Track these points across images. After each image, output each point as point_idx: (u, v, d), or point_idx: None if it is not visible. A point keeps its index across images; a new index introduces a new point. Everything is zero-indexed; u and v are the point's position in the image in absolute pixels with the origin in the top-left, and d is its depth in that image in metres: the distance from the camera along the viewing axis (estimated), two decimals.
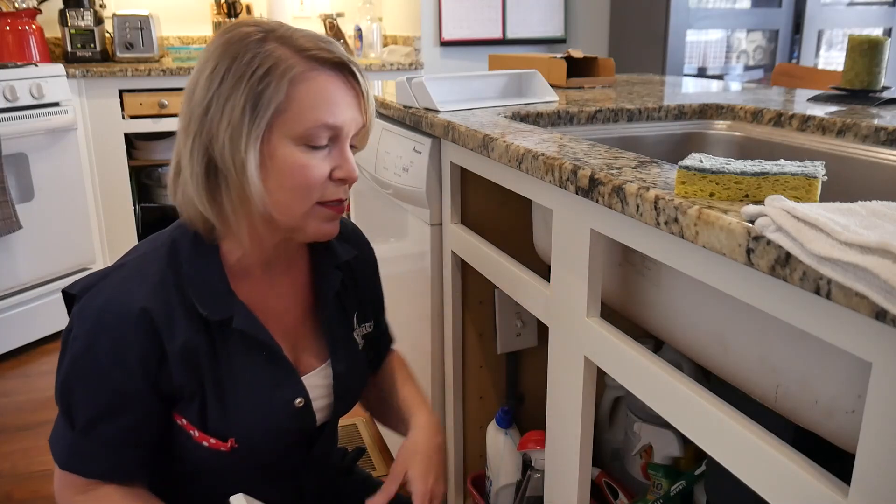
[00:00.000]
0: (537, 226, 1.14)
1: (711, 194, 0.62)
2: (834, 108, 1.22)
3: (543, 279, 0.96)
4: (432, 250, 1.29)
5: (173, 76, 2.75)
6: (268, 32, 0.75)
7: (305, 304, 0.90)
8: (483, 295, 1.31)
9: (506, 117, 1.17)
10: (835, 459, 0.59)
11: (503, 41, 3.25)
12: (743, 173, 0.61)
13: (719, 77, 3.25)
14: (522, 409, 1.43)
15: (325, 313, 0.90)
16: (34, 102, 2.39)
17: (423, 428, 0.93)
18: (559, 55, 1.66)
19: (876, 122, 1.07)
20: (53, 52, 3.06)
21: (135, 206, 2.91)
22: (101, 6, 3.01)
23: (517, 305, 1.31)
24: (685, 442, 1.10)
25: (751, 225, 0.54)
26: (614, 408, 1.38)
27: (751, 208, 0.55)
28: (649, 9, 3.09)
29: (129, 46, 2.93)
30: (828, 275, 0.46)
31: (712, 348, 0.74)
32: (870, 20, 3.49)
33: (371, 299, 1.00)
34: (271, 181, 0.75)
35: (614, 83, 1.72)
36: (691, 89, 1.60)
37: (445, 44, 3.18)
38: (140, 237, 2.89)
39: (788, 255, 0.50)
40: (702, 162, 0.63)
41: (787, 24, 3.26)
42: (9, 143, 2.29)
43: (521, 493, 1.27)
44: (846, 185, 1.07)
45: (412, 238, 1.38)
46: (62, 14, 2.90)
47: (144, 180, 3.05)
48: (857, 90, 1.28)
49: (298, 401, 0.85)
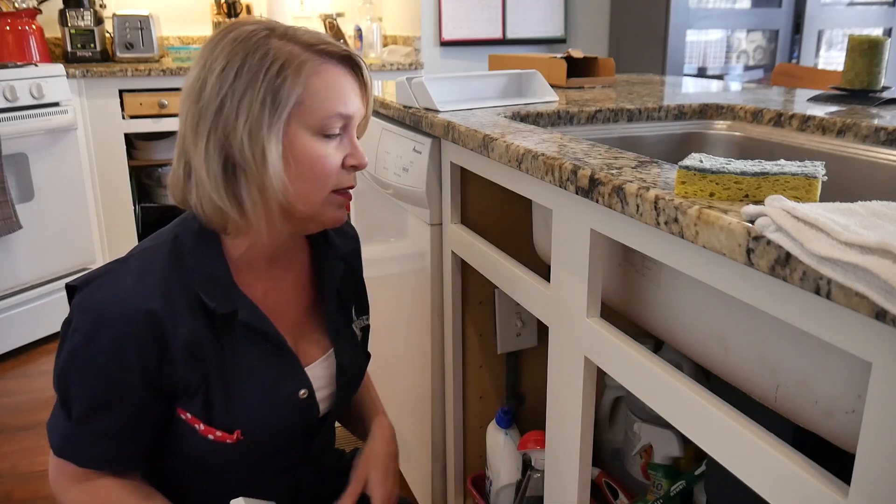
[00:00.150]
0: (537, 226, 1.14)
1: (711, 194, 0.62)
2: (834, 108, 1.22)
3: (543, 279, 0.96)
4: (432, 250, 1.29)
5: (173, 76, 2.75)
6: (270, 30, 0.78)
7: (307, 296, 0.92)
8: (483, 295, 1.31)
9: (506, 117, 1.17)
10: (835, 459, 0.59)
11: (503, 41, 3.25)
12: (743, 173, 0.61)
13: (719, 77, 3.25)
14: (522, 409, 1.43)
15: (328, 304, 0.92)
16: (34, 102, 2.39)
17: (381, 437, 1.01)
18: (559, 55, 1.66)
19: (876, 122, 1.07)
20: (53, 52, 3.06)
21: (135, 206, 2.91)
22: (101, 6, 3.02)
23: (517, 305, 1.31)
24: (685, 442, 1.10)
25: (751, 225, 0.54)
26: (614, 408, 1.38)
27: (751, 208, 0.55)
28: (649, 9, 3.09)
29: (129, 46, 2.93)
30: (828, 275, 0.46)
31: (712, 348, 0.74)
32: (870, 20, 3.49)
33: (365, 294, 1.04)
34: (291, 172, 0.78)
35: (614, 83, 1.72)
36: (691, 89, 1.60)
37: (445, 44, 3.18)
38: (140, 237, 2.89)
39: (788, 255, 0.50)
40: (702, 162, 0.63)
41: (787, 24, 3.26)
42: (9, 143, 2.29)
43: (521, 493, 1.27)
44: (846, 185, 1.07)
45: (412, 238, 1.38)
46: (62, 14, 2.90)
47: (144, 180, 3.05)
48: (857, 90, 1.28)
49: (302, 392, 0.87)
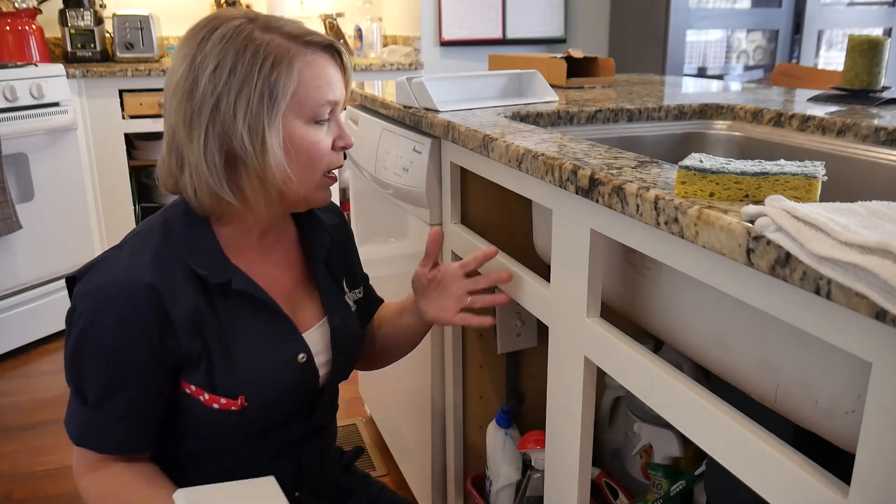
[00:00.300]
0: (537, 226, 1.14)
1: (711, 194, 0.62)
2: (834, 108, 1.22)
3: (543, 279, 0.96)
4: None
5: None
6: (252, 21, 0.81)
7: (298, 269, 0.96)
8: None
9: (506, 117, 1.17)
10: (835, 459, 0.59)
11: (503, 41, 3.25)
12: (743, 173, 0.61)
13: (719, 77, 3.25)
14: (522, 409, 1.43)
15: (317, 272, 0.96)
16: (34, 102, 2.39)
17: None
18: (559, 55, 1.66)
19: (876, 122, 1.07)
20: (53, 52, 3.06)
21: (135, 206, 2.91)
22: (101, 6, 3.02)
23: (517, 305, 1.31)
24: (685, 442, 1.10)
25: (751, 225, 0.54)
26: (614, 408, 1.38)
27: (751, 208, 0.55)
28: (649, 9, 3.09)
29: (129, 46, 2.93)
30: (828, 275, 0.46)
31: (712, 348, 0.74)
32: (870, 20, 3.49)
33: (357, 268, 1.07)
34: (291, 160, 0.82)
35: (614, 83, 1.72)
36: (691, 89, 1.60)
37: (445, 44, 3.18)
38: None
39: (788, 255, 0.50)
40: (702, 162, 0.63)
41: (787, 24, 3.26)
42: (9, 143, 2.29)
43: (521, 493, 1.27)
44: (846, 185, 1.07)
45: (412, 238, 1.38)
46: (62, 14, 2.90)
47: (144, 180, 3.05)
48: (857, 90, 1.28)
49: (301, 356, 0.90)
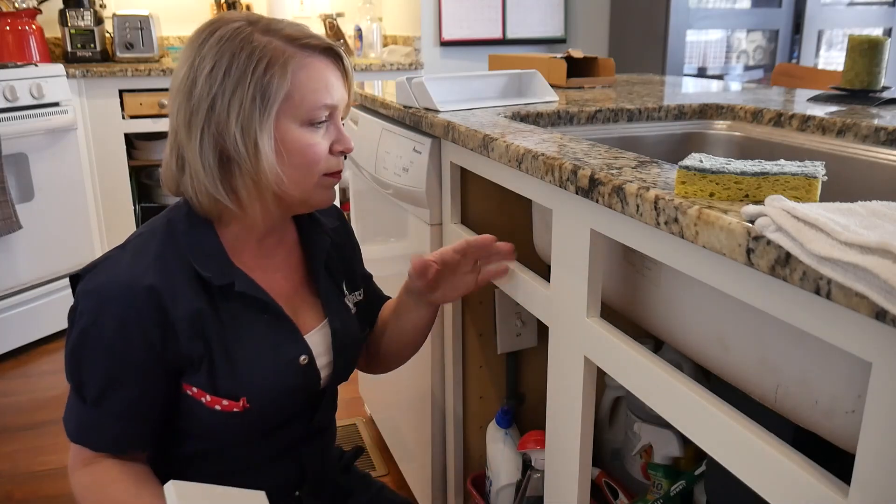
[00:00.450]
0: (537, 226, 1.14)
1: (711, 194, 0.62)
2: (834, 108, 1.22)
3: (543, 279, 0.96)
4: (432, 250, 1.29)
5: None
6: (253, 24, 0.81)
7: (299, 272, 0.96)
8: (483, 295, 1.31)
9: (506, 117, 1.17)
10: (835, 459, 0.59)
11: (503, 41, 3.25)
12: (743, 173, 0.61)
13: (719, 77, 3.25)
14: (522, 409, 1.43)
15: (317, 274, 0.96)
16: (34, 102, 2.39)
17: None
18: (559, 55, 1.66)
19: (876, 122, 1.07)
20: (53, 52, 3.06)
21: (135, 206, 2.91)
22: (101, 6, 3.01)
23: (517, 305, 1.31)
24: (685, 442, 1.10)
25: (751, 225, 0.54)
26: (614, 408, 1.38)
27: (751, 208, 0.55)
28: (649, 9, 3.09)
29: (129, 46, 2.93)
30: (828, 275, 0.46)
31: (712, 348, 0.74)
32: (870, 20, 3.49)
33: (357, 270, 1.07)
34: (284, 162, 0.82)
35: (614, 83, 1.72)
36: (691, 89, 1.60)
37: (445, 44, 3.18)
38: None
39: (788, 255, 0.50)
40: (702, 162, 0.63)
41: (787, 24, 3.26)
42: (9, 143, 2.29)
43: (521, 493, 1.27)
44: (846, 185, 1.07)
45: (412, 238, 1.38)
46: (62, 14, 2.90)
47: (144, 180, 3.05)
48: (857, 90, 1.28)
49: (303, 358, 0.90)
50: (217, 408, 0.84)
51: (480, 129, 1.03)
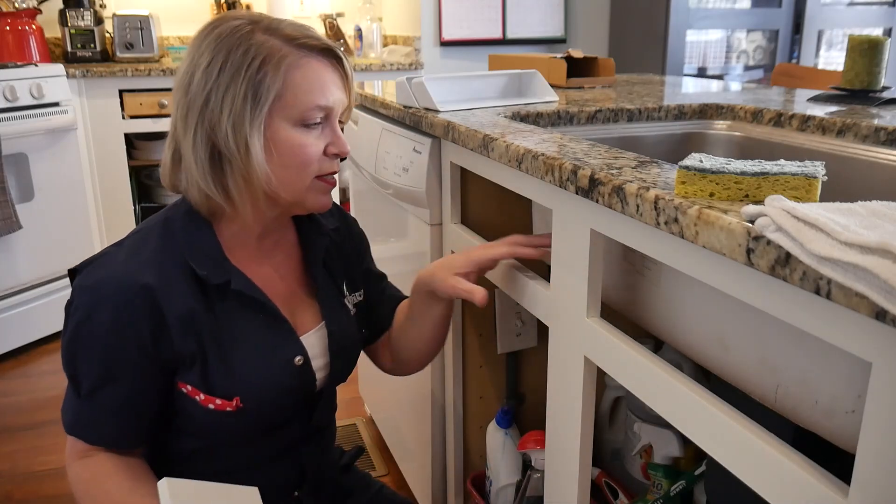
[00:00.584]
0: (537, 226, 1.14)
1: (711, 194, 0.62)
2: (834, 108, 1.22)
3: (543, 279, 0.96)
4: (432, 250, 1.29)
5: (174, 76, 2.74)
6: (254, 23, 0.81)
7: (297, 272, 0.95)
8: None
9: (506, 117, 1.17)
10: (835, 459, 0.59)
11: (503, 41, 3.25)
12: (743, 173, 0.61)
13: (719, 77, 3.25)
14: (522, 409, 1.43)
15: (315, 275, 0.95)
16: (34, 102, 2.39)
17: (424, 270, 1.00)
18: (559, 55, 1.66)
19: (876, 122, 1.07)
20: (53, 52, 3.06)
21: (135, 206, 2.91)
22: (101, 6, 3.01)
23: (517, 305, 1.31)
24: (685, 442, 1.10)
25: (751, 225, 0.54)
26: (614, 408, 1.38)
27: (751, 208, 0.55)
28: (649, 9, 3.09)
29: (129, 46, 2.93)
30: (828, 275, 0.46)
31: (712, 348, 0.74)
32: (870, 20, 3.49)
33: (360, 271, 1.05)
34: (274, 161, 0.81)
35: (614, 83, 1.72)
36: (691, 89, 1.60)
37: (445, 44, 3.18)
38: None
39: (788, 255, 0.50)
40: (702, 162, 0.63)
41: (787, 24, 3.26)
42: (9, 143, 2.29)
43: (521, 493, 1.27)
44: (846, 185, 1.07)
45: (412, 238, 1.38)
46: (62, 14, 2.90)
47: (144, 180, 3.05)
48: (857, 90, 1.28)
49: (298, 359, 0.89)
50: (210, 406, 0.84)
51: (480, 129, 1.03)
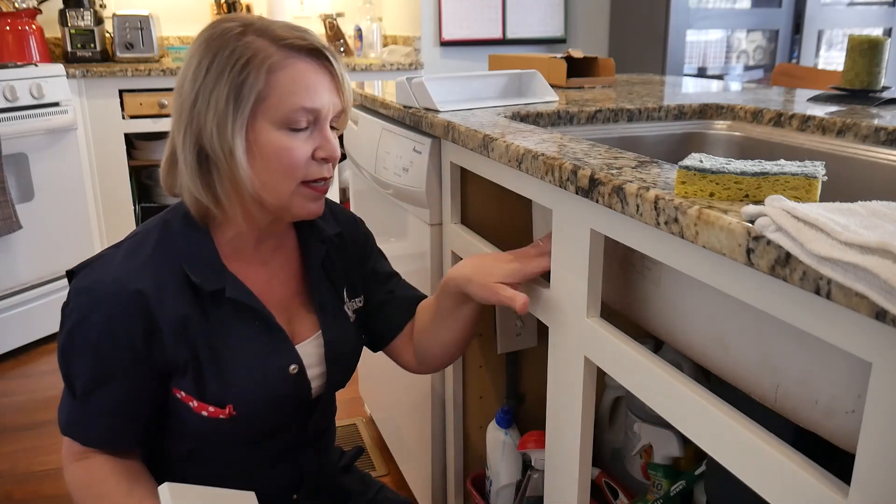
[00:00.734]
0: (537, 226, 1.14)
1: (711, 194, 0.62)
2: (834, 108, 1.22)
3: (543, 279, 0.96)
4: (432, 250, 1.29)
5: (173, 76, 2.75)
6: (247, 26, 0.80)
7: (296, 279, 0.94)
8: None
9: (506, 117, 1.17)
10: (835, 459, 0.59)
11: (503, 41, 3.25)
12: (743, 173, 0.61)
13: (719, 77, 3.25)
14: (522, 409, 1.43)
15: (313, 283, 0.94)
16: (34, 102, 2.39)
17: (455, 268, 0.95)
18: (559, 55, 1.66)
19: (876, 122, 1.07)
20: (53, 52, 3.06)
21: (135, 206, 2.91)
22: (101, 6, 3.01)
23: None
24: (685, 442, 1.10)
25: (751, 225, 0.54)
26: (614, 408, 1.38)
27: (751, 208, 0.55)
28: (649, 9, 3.09)
29: (129, 46, 2.93)
30: (828, 275, 0.46)
31: (712, 348, 0.74)
32: (870, 20, 3.49)
33: (362, 274, 1.03)
34: (258, 165, 0.80)
35: (614, 83, 1.72)
36: (691, 89, 1.60)
37: (445, 44, 3.18)
38: None
39: (788, 255, 0.50)
40: (702, 162, 0.63)
41: (787, 24, 3.26)
42: (9, 143, 2.29)
43: (521, 493, 1.27)
44: (846, 185, 1.07)
45: (412, 238, 1.38)
46: (62, 14, 2.90)
47: (144, 180, 3.05)
48: (857, 90, 1.28)
49: (292, 367, 0.88)
50: (204, 414, 0.83)
51: (480, 129, 1.03)
